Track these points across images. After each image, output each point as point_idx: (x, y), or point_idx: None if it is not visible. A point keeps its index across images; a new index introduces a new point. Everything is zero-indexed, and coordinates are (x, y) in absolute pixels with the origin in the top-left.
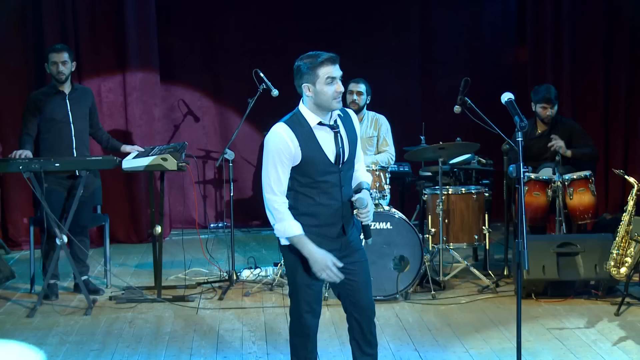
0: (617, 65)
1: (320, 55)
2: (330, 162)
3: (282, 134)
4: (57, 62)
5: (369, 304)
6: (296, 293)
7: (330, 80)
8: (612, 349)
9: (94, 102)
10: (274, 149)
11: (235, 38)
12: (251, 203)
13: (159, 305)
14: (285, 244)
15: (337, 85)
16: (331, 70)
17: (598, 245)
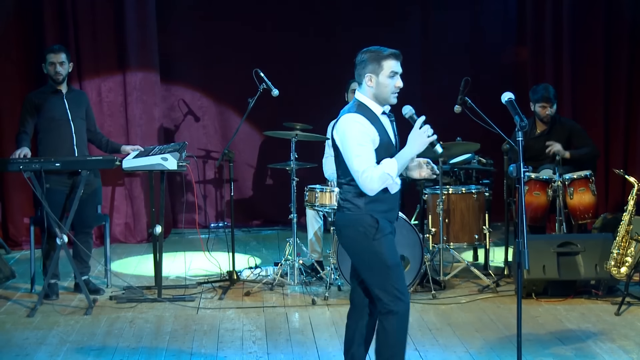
0: (618, 65)
1: (386, 50)
2: (395, 147)
3: (362, 119)
4: (54, 63)
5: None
6: (392, 275)
7: (393, 74)
8: (613, 349)
9: (89, 105)
10: (359, 131)
11: (235, 37)
12: (251, 203)
13: (159, 305)
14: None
15: (397, 80)
16: (395, 65)
17: (598, 245)
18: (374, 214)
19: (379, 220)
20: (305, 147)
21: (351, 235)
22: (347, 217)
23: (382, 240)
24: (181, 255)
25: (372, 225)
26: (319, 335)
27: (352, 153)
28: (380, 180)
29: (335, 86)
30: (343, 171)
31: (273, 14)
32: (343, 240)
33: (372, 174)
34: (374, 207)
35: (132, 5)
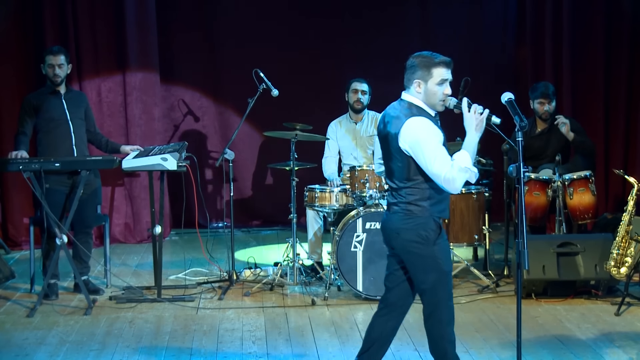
0: (618, 64)
1: (437, 57)
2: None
3: (428, 122)
4: (53, 65)
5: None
6: (443, 281)
7: (442, 82)
8: (612, 349)
9: (88, 105)
10: (432, 134)
11: (235, 37)
12: (251, 203)
13: (159, 305)
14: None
15: (446, 88)
16: (445, 72)
17: (598, 245)
18: (436, 217)
19: (430, 228)
20: (305, 147)
21: (411, 238)
22: (408, 220)
23: (442, 245)
24: (181, 255)
25: (434, 230)
26: (319, 336)
27: (431, 156)
28: (461, 175)
29: (335, 86)
30: (404, 175)
31: (273, 14)
32: (399, 244)
33: (454, 173)
34: (437, 208)
35: (132, 5)
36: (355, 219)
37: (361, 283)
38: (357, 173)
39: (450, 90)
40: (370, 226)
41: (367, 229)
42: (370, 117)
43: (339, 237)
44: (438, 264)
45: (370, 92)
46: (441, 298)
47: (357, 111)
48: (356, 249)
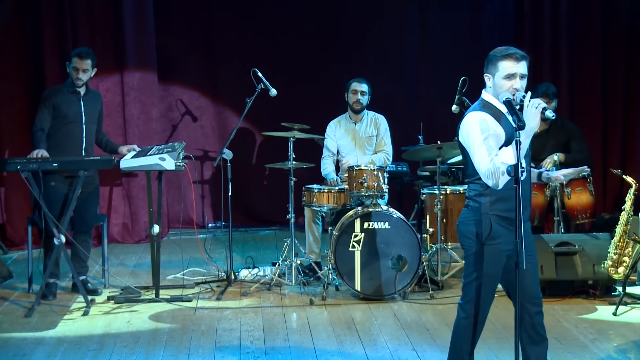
0: (615, 66)
1: (506, 50)
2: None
3: (483, 115)
4: (78, 69)
5: (537, 292)
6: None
7: (509, 76)
8: (610, 349)
9: (102, 106)
10: (480, 127)
11: (233, 37)
12: (249, 203)
13: (156, 305)
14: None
15: (515, 82)
16: (511, 66)
17: (596, 245)
18: (495, 215)
19: (493, 226)
20: (303, 147)
21: (463, 233)
22: (467, 215)
23: (490, 248)
24: (179, 255)
25: (486, 229)
26: (317, 336)
27: (474, 149)
28: (491, 175)
29: (334, 86)
30: (469, 169)
31: (271, 14)
32: (459, 237)
33: (491, 167)
34: (498, 206)
35: (130, 5)
36: (353, 218)
37: (359, 283)
38: (355, 173)
39: (519, 85)
40: (368, 226)
41: (365, 228)
42: (370, 118)
43: (337, 237)
44: (481, 264)
45: (370, 93)
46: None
47: (356, 111)
48: (354, 248)
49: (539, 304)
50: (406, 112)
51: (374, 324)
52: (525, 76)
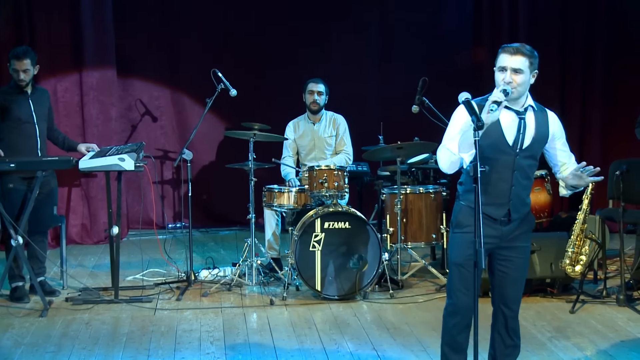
0: (573, 69)
1: (506, 44)
2: (507, 142)
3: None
4: (18, 70)
5: (517, 298)
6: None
7: (500, 69)
8: (567, 346)
9: (50, 103)
10: (460, 116)
11: (193, 37)
12: (209, 203)
13: (116, 306)
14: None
15: (505, 75)
16: (504, 59)
17: (554, 243)
18: (467, 206)
19: (463, 215)
20: (263, 147)
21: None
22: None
23: (457, 236)
24: (138, 256)
25: (456, 216)
26: (277, 336)
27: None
28: (441, 156)
29: (293, 87)
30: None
31: (232, 13)
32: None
33: (439, 149)
34: (468, 197)
35: (88, 4)
36: (313, 218)
37: (320, 283)
38: (315, 173)
39: (510, 79)
40: (328, 226)
41: (326, 228)
42: (329, 118)
43: (298, 237)
44: (451, 252)
45: (328, 93)
46: (448, 285)
47: (314, 112)
48: (315, 248)
49: (514, 309)
50: (366, 112)
51: (334, 324)
52: (520, 71)
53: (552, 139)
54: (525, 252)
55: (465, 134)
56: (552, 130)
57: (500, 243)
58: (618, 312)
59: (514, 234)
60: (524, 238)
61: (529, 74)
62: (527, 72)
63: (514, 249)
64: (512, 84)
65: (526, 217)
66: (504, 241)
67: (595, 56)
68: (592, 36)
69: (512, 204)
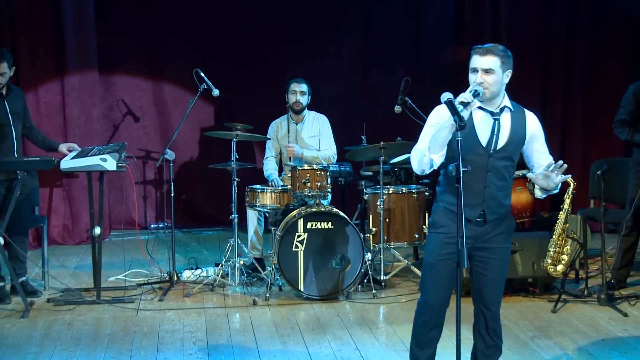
0: (554, 67)
1: (476, 45)
2: (481, 144)
3: (439, 107)
4: None
5: (496, 299)
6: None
7: (472, 69)
8: (549, 345)
9: (25, 102)
10: (434, 117)
11: (176, 37)
12: (192, 203)
13: (98, 307)
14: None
15: (476, 76)
16: (474, 60)
17: (536, 243)
18: (443, 206)
19: (438, 215)
20: (246, 147)
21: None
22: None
23: (432, 236)
24: (121, 256)
25: (440, 218)
26: (260, 336)
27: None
28: (413, 157)
29: (275, 87)
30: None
31: (213, 14)
32: None
33: (412, 152)
34: (444, 198)
35: (70, 5)
36: (296, 218)
37: (302, 283)
38: (298, 173)
39: (481, 79)
40: (311, 226)
41: (309, 228)
42: (312, 118)
43: (280, 237)
44: (426, 251)
45: (310, 93)
46: (421, 284)
47: (296, 112)
48: (297, 249)
49: (492, 310)
50: (349, 112)
51: (317, 324)
52: (492, 71)
53: (530, 140)
54: (502, 253)
55: (436, 135)
56: (531, 131)
57: (475, 244)
58: (599, 312)
59: (490, 235)
60: (502, 239)
61: (502, 73)
62: (499, 72)
63: (491, 250)
64: (484, 84)
65: (504, 219)
66: (479, 242)
67: (576, 55)
68: (574, 35)
69: (487, 205)
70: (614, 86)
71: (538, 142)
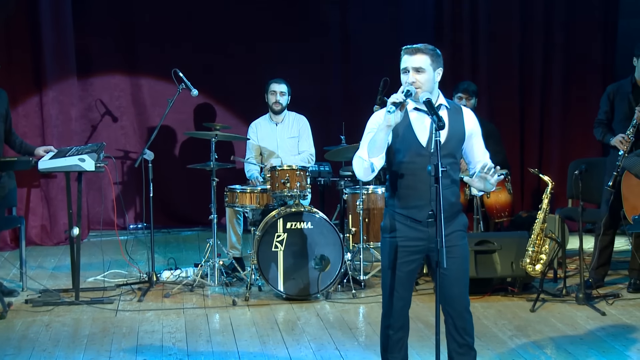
0: (532, 67)
1: (406, 46)
2: (420, 144)
3: (376, 113)
4: None
5: (459, 297)
6: (383, 273)
7: (403, 70)
8: (528, 345)
9: (8, 104)
10: (372, 122)
11: (154, 38)
12: (171, 203)
13: (76, 308)
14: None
15: (408, 76)
16: (405, 60)
17: (514, 243)
18: (393, 211)
19: (390, 220)
20: (225, 147)
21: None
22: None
23: (386, 241)
24: (99, 257)
25: (385, 221)
26: (240, 336)
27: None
28: (355, 164)
29: (254, 86)
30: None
31: (192, 13)
32: None
33: (354, 158)
34: (392, 202)
35: (47, 4)
36: (276, 219)
37: (282, 283)
38: (277, 173)
39: (413, 79)
40: (291, 226)
41: (288, 229)
42: (291, 118)
43: (260, 237)
44: (382, 256)
45: (290, 93)
46: (382, 288)
47: (276, 112)
48: (277, 249)
49: (457, 308)
50: (328, 112)
51: (297, 324)
52: (422, 70)
53: (469, 136)
54: (459, 251)
55: (373, 138)
56: (469, 128)
57: (430, 244)
58: (577, 311)
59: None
60: (457, 237)
61: (433, 72)
62: (429, 71)
63: (447, 250)
64: (416, 83)
65: (455, 217)
66: (434, 242)
67: (555, 56)
68: (552, 35)
69: (434, 205)
70: (593, 85)
71: (476, 138)
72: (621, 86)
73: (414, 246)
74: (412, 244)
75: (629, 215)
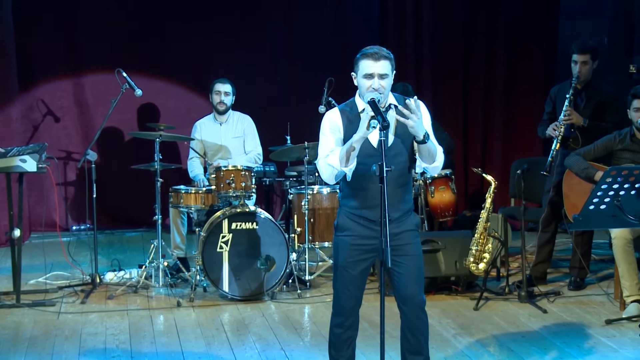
0: (475, 68)
1: (368, 49)
2: (371, 145)
3: (333, 114)
4: None
5: (415, 296)
6: (336, 274)
7: (367, 75)
8: (472, 343)
9: None
10: (324, 125)
11: (96, 37)
12: (115, 204)
13: (17, 311)
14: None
15: (373, 81)
16: (369, 65)
17: (458, 242)
18: (346, 210)
19: (343, 219)
20: (169, 147)
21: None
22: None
23: (339, 239)
24: (41, 259)
25: (342, 221)
26: (184, 338)
27: (319, 146)
28: (324, 170)
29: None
30: None
31: (136, 12)
32: None
33: (320, 163)
34: (346, 202)
35: None
36: (220, 219)
37: (227, 284)
38: (222, 173)
39: (378, 84)
40: (236, 226)
41: (233, 229)
42: (236, 118)
43: (205, 238)
44: (334, 255)
45: (235, 93)
46: (333, 286)
47: (220, 112)
48: (222, 249)
49: (412, 307)
50: (274, 112)
51: (242, 325)
52: (386, 76)
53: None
54: (413, 249)
55: (348, 150)
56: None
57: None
58: (520, 309)
59: (397, 233)
60: (410, 236)
61: (392, 76)
62: (391, 76)
63: (401, 248)
64: (381, 89)
65: (407, 216)
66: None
67: (497, 56)
68: (494, 37)
69: (388, 204)
70: (534, 87)
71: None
72: (562, 87)
73: (367, 245)
74: (364, 243)
75: (570, 214)
